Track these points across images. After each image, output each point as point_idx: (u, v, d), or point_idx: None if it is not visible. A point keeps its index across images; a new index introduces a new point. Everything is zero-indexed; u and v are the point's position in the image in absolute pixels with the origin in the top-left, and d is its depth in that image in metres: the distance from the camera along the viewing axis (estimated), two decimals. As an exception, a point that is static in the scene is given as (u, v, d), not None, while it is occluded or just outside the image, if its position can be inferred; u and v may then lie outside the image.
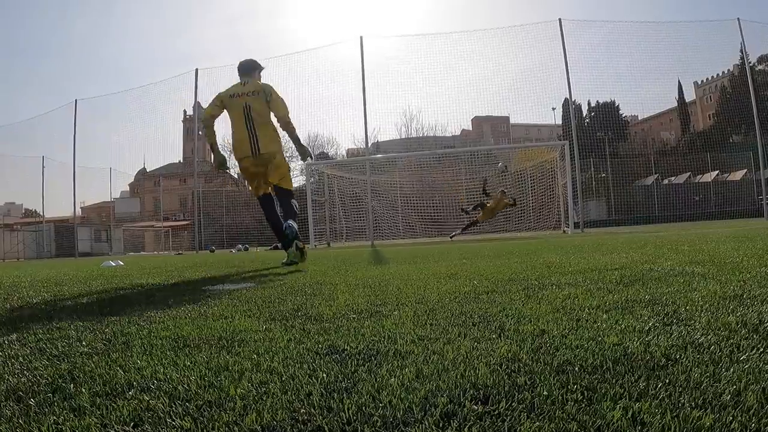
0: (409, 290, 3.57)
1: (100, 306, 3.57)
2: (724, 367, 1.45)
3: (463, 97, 40.66)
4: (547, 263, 5.21)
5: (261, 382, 1.57)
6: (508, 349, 1.77)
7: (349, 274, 5.34)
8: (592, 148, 45.93)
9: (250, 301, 3.43)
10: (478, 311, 2.54)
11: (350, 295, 3.44)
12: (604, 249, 7.08)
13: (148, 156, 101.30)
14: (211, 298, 3.73)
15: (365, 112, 25.77)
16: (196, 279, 5.57)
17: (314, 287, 4.11)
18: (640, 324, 2.04)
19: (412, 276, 4.67)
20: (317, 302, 3.18)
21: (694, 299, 2.52)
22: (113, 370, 1.78)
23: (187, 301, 3.62)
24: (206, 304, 3.38)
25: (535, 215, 29.82)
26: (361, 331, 2.22)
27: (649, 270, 3.97)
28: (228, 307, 3.18)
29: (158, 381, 1.62)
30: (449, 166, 37.77)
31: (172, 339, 2.25)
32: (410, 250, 11.92)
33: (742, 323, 1.96)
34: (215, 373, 1.69)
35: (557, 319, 2.23)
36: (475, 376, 1.49)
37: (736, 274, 3.40)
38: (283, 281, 4.71)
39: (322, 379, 1.56)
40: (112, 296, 4.19)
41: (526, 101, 33.84)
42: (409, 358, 1.74)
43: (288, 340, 2.12)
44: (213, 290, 4.30)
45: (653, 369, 1.48)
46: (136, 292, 4.39)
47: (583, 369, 1.52)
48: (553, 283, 3.48)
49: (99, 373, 1.74)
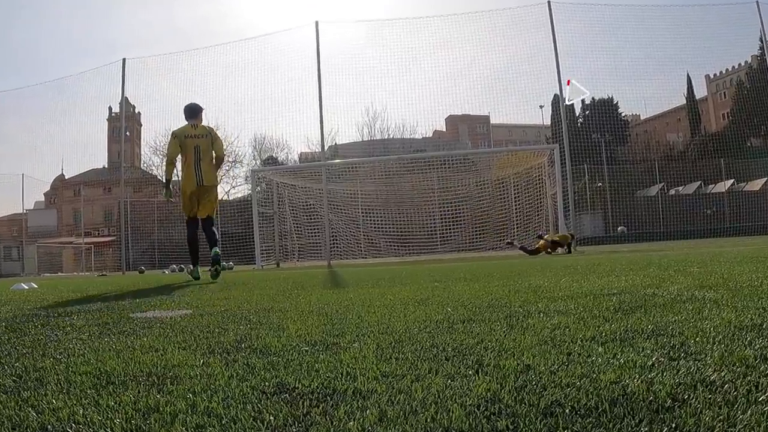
0: (371, 318, 3.57)
1: (9, 336, 3.53)
2: (740, 410, 1.46)
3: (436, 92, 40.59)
4: (534, 287, 5.25)
5: (197, 425, 1.56)
6: (487, 387, 1.77)
7: (301, 299, 5.34)
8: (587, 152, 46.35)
9: (185, 330, 3.41)
10: (453, 343, 2.55)
11: (302, 324, 3.43)
12: (600, 270, 7.14)
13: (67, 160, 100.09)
14: (140, 327, 3.70)
15: (321, 109, 25.86)
16: (122, 305, 5.52)
17: (260, 315, 4.11)
18: (641, 359, 2.05)
19: (375, 302, 4.67)
20: (264, 332, 3.17)
21: (705, 329, 2.55)
22: (24, 410, 1.77)
23: (111, 330, 3.60)
24: (134, 334, 3.37)
25: (520, 231, 29.99)
26: (315, 366, 2.22)
27: (652, 295, 4.01)
28: (159, 337, 3.16)
29: (77, 424, 1.61)
30: (419, 172, 37.87)
31: (94, 375, 2.24)
32: (373, 271, 11.94)
33: (762, 357, 1.98)
34: (144, 415, 1.68)
35: (545, 353, 2.24)
36: (449, 420, 1.49)
37: (755, 300, 3.44)
38: (224, 308, 4.69)
39: (269, 422, 1.55)
40: (23, 324, 4.13)
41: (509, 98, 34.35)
42: (371, 398, 1.74)
43: (229, 376, 2.11)
44: (142, 318, 4.27)
45: (657, 411, 1.49)
46: (52, 320, 4.33)
47: (575, 411, 1.52)
48: (541, 311, 3.50)
49: (7, 415, 1.73)
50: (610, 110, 70.88)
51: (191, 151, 10.75)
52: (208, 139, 10.93)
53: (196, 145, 10.76)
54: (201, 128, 11.03)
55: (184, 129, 10.95)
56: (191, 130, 10.89)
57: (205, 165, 10.80)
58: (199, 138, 10.84)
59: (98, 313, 4.77)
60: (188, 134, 10.83)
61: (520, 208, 30.25)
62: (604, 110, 69.00)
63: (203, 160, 10.80)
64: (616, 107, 74.07)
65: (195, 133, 10.85)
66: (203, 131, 10.98)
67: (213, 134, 11.13)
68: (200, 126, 11.09)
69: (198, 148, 10.76)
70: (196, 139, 10.81)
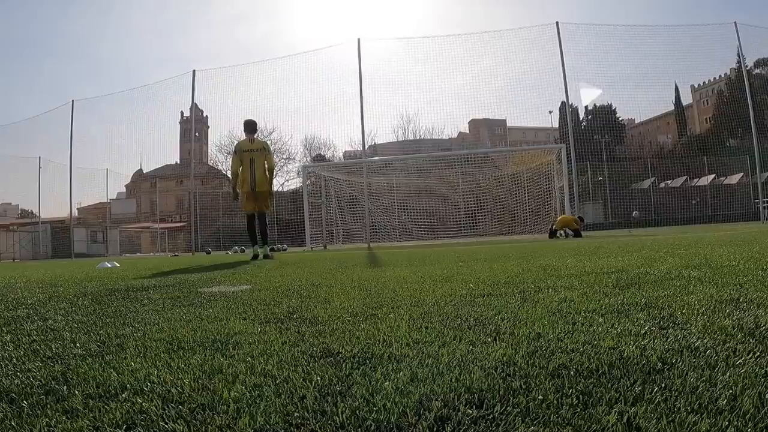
0: (404, 293, 3.56)
1: (95, 307, 3.56)
2: (720, 372, 1.45)
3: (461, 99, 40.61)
4: (544, 266, 5.20)
5: (255, 385, 1.56)
6: (504, 352, 1.76)
7: (344, 276, 5.32)
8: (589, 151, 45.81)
9: (245, 303, 3.41)
10: (474, 314, 2.54)
11: (346, 298, 3.43)
12: (601, 252, 7.07)
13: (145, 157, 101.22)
14: (207, 300, 3.71)
15: (362, 114, 25.76)
16: (192, 281, 5.53)
17: (310, 290, 4.10)
18: (636, 328, 2.04)
19: (407, 279, 4.66)
20: (312, 305, 3.17)
21: (691, 303, 2.52)
22: (107, 372, 1.77)
23: (182, 303, 3.61)
24: (201, 306, 3.38)
25: (532, 219, 29.82)
26: (356, 334, 2.21)
27: (645, 273, 3.97)
28: (223, 309, 3.17)
29: (152, 383, 1.62)
30: (446, 168, 37.75)
31: (167, 341, 2.25)
32: (406, 252, 11.91)
33: (739, 327, 1.95)
34: (209, 375, 1.68)
35: (553, 323, 2.22)
36: (470, 380, 1.49)
37: (733, 277, 3.39)
38: (278, 284, 4.69)
39: (316, 382, 1.55)
40: (107, 298, 4.17)
41: (523, 104, 34.17)
42: (403, 361, 1.74)
43: (283, 342, 2.11)
44: (208, 292, 4.28)
45: (649, 373, 1.48)
46: (132, 294, 4.36)
47: (579, 373, 1.51)
48: (549, 287, 3.47)
49: (92, 375, 1.74)
50: (609, 115, 70.11)
51: (247, 162, 11.68)
52: (262, 153, 11.79)
53: (252, 158, 11.67)
54: (257, 142, 11.94)
55: (242, 144, 11.93)
56: (248, 144, 11.81)
57: (258, 173, 11.66)
58: (254, 152, 11.72)
59: (171, 288, 4.79)
60: (245, 148, 11.75)
61: (532, 199, 30.13)
62: (604, 115, 68.31)
63: (257, 169, 11.67)
64: (615, 112, 73.22)
65: (251, 147, 11.75)
66: (258, 145, 11.88)
67: (266, 148, 12.04)
68: (256, 140, 11.99)
69: (253, 160, 11.66)
70: (252, 153, 11.71)
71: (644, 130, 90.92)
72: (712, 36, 31.39)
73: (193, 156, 49.75)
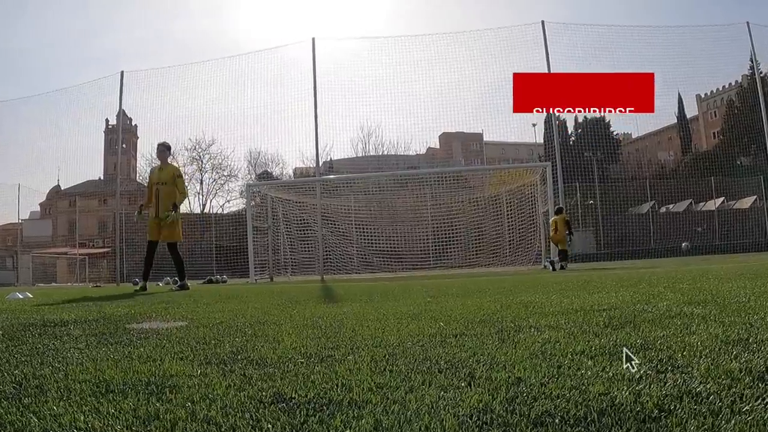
0: (365, 332, 3.58)
1: (7, 344, 3.51)
2: (724, 419, 1.49)
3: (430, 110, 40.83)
4: (525, 303, 5.25)
5: (196, 433, 1.57)
6: (480, 398, 1.80)
7: (295, 312, 5.33)
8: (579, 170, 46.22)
9: (182, 341, 3.41)
10: (445, 356, 2.57)
11: (297, 337, 3.44)
12: (591, 287, 7.15)
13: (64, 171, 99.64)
14: (137, 337, 3.69)
15: (316, 125, 25.86)
16: (118, 315, 5.47)
17: (255, 327, 4.10)
18: (630, 372, 2.08)
19: (368, 316, 4.67)
20: (259, 344, 3.18)
21: (693, 344, 2.57)
22: (25, 416, 1.78)
23: (108, 340, 3.58)
24: (131, 344, 3.36)
25: (512, 248, 29.99)
26: (311, 377, 2.23)
27: (642, 311, 4.03)
28: (157, 348, 3.16)
29: (78, 430, 1.63)
30: (413, 189, 37.87)
31: (93, 383, 2.24)
32: (366, 286, 11.90)
33: (747, 370, 2.00)
34: (144, 422, 1.69)
35: (535, 366, 2.26)
36: (442, 429, 1.52)
37: (742, 315, 3.46)
38: (219, 321, 4.68)
39: (266, 430, 1.57)
40: (21, 333, 4.11)
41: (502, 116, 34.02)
42: (366, 408, 1.76)
43: (227, 386, 2.12)
44: (138, 329, 4.25)
45: (644, 421, 1.52)
46: (49, 330, 4.30)
47: (565, 421, 1.55)
48: (531, 326, 3.52)
49: (9, 420, 1.74)
50: (602, 129, 70.82)
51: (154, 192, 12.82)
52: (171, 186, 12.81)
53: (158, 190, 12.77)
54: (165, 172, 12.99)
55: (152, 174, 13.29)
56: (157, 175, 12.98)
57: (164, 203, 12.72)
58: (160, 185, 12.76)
59: (94, 323, 4.74)
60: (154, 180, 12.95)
61: (513, 226, 30.30)
62: (596, 129, 68.92)
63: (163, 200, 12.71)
64: (608, 126, 74.07)
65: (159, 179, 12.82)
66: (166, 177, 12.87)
67: (176, 181, 12.94)
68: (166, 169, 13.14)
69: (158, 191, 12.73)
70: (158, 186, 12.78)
71: (642, 147, 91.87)
72: (721, 38, 31.94)
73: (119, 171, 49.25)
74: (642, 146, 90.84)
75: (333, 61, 29.86)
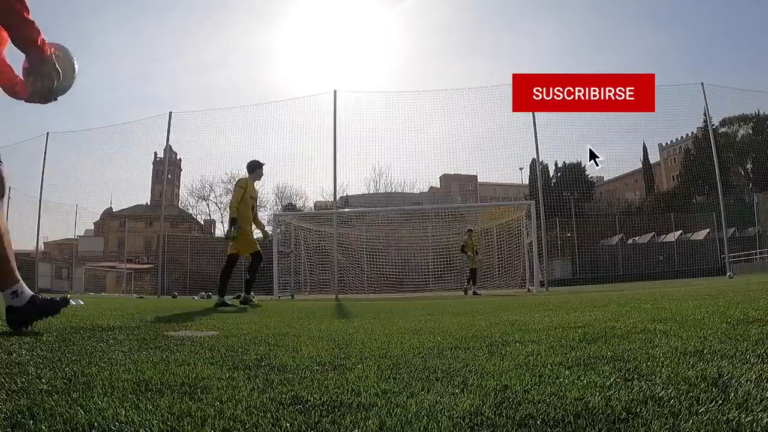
0: (372, 344, 3.56)
1: (60, 344, 3.49)
2: (683, 420, 1.48)
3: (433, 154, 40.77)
4: (511, 321, 5.23)
5: (224, 429, 1.57)
6: (471, 403, 1.78)
7: (312, 326, 5.31)
8: (558, 207, 46.29)
9: (213, 348, 3.39)
10: (442, 366, 2.55)
11: (314, 348, 3.42)
12: (568, 307, 7.12)
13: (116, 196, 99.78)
14: (174, 344, 3.67)
15: (335, 165, 25.80)
16: (158, 324, 5.46)
17: (278, 338, 4.08)
18: (601, 379, 2.07)
19: (375, 330, 4.66)
20: (280, 353, 3.15)
21: (656, 355, 2.56)
22: (74, 409, 1.75)
23: (149, 345, 3.56)
24: (168, 349, 3.34)
25: (501, 273, 29.99)
26: (325, 383, 2.21)
27: (611, 328, 4.01)
28: (191, 353, 3.14)
29: (120, 423, 1.61)
30: (416, 223, 37.99)
31: (134, 382, 2.22)
32: (374, 305, 11.87)
33: (702, 377, 2.00)
34: (178, 418, 1.67)
35: (520, 375, 2.25)
36: (439, 429, 1.51)
37: (697, 330, 3.44)
38: (246, 331, 4.66)
39: (285, 428, 1.56)
40: (72, 335, 4.10)
41: (494, 161, 34.09)
42: (372, 410, 1.75)
43: (251, 389, 2.10)
44: (176, 336, 4.23)
45: (614, 422, 1.51)
46: (98, 334, 4.29)
47: (545, 423, 1.54)
48: (517, 340, 3.50)
49: (59, 412, 1.72)
50: (578, 173, 70.80)
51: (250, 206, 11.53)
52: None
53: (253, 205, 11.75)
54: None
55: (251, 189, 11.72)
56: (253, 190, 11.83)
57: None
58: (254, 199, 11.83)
59: (137, 329, 4.73)
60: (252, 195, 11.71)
61: (502, 254, 30.34)
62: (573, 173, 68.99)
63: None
64: (584, 170, 73.97)
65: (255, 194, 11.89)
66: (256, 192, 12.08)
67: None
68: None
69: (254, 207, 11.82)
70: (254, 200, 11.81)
71: (612, 188, 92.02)
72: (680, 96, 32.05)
73: (164, 198, 49.51)
74: (612, 187, 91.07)
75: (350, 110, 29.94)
